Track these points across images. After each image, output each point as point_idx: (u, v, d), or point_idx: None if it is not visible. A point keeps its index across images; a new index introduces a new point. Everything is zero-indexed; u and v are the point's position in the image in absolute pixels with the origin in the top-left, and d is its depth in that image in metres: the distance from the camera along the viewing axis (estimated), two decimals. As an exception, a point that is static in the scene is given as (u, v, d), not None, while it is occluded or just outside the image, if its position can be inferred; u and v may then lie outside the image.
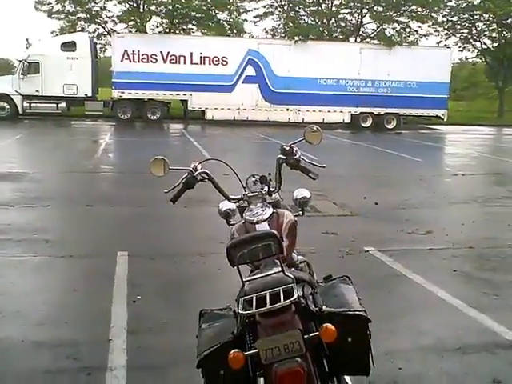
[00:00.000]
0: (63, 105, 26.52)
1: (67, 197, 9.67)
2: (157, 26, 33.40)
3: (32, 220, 8.07)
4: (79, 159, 14.79)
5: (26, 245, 6.70)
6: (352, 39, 35.47)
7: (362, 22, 35.83)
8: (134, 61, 27.09)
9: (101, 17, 33.47)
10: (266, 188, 2.99)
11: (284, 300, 2.16)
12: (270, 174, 3.06)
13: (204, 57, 27.50)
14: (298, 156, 3.10)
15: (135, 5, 32.73)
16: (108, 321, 4.50)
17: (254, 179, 3.03)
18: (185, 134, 24.03)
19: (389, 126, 28.78)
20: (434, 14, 34.56)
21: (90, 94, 27.11)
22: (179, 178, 3.06)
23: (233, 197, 3.06)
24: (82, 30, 32.35)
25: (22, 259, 6.16)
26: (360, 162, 16.68)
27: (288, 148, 3.12)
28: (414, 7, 33.78)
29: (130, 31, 31.87)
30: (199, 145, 18.11)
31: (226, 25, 33.66)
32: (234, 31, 34.10)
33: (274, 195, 3.01)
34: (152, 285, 5.43)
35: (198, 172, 3.05)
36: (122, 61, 27.03)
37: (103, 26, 33.55)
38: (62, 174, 12.42)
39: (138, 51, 27.09)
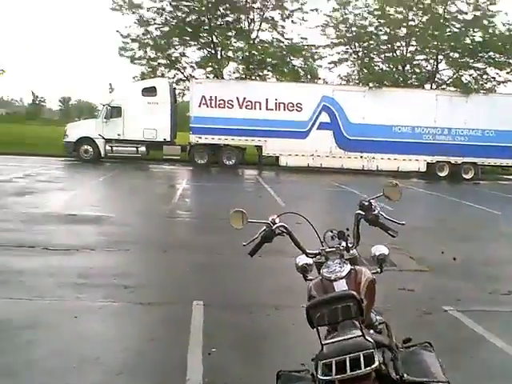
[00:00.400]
0: (143, 149, 27.46)
1: (145, 241, 9.93)
2: (234, 72, 34.24)
3: (112, 264, 8.32)
4: (157, 204, 15.20)
5: (106, 290, 6.90)
6: (427, 86, 35.10)
7: (437, 68, 35.48)
8: (211, 106, 27.81)
9: (180, 63, 34.70)
10: (343, 243, 2.99)
11: (365, 367, 2.15)
12: (347, 229, 3.07)
13: (279, 103, 27.88)
14: (376, 212, 3.09)
15: (213, 51, 33.75)
16: (184, 373, 4.54)
17: (331, 234, 3.04)
18: (259, 180, 24.25)
19: (466, 176, 27.98)
20: None
21: (168, 139, 27.97)
22: (257, 228, 3.13)
23: (310, 251, 3.07)
24: (162, 75, 33.55)
25: (102, 304, 6.35)
26: (437, 213, 16.28)
27: (367, 203, 3.13)
28: (491, 53, 33.19)
29: (207, 77, 32.81)
30: (273, 191, 18.25)
31: (300, 71, 34.10)
32: (309, 77, 34.50)
33: (351, 251, 2.99)
34: (227, 337, 5.46)
35: (276, 226, 3.10)
36: (199, 106, 27.81)
37: (182, 71, 34.73)
38: (140, 218, 12.79)
39: (216, 97, 27.81)
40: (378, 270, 3.07)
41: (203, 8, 32.40)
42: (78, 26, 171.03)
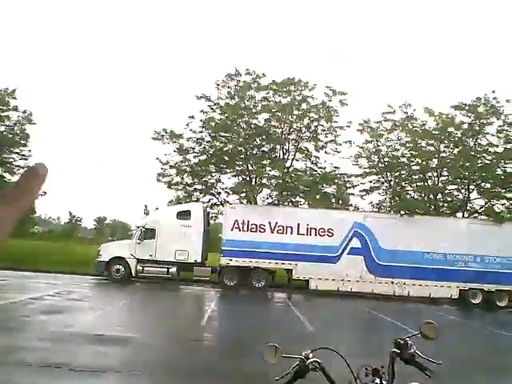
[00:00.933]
0: (174, 269, 27.60)
1: (171, 365, 9.78)
2: (267, 198, 34.91)
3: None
4: (185, 326, 15.09)
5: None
6: (459, 214, 35.14)
7: (469, 197, 35.63)
8: (243, 230, 28.20)
9: (215, 188, 35.60)
10: (377, 380, 2.94)
11: None
12: (382, 366, 3.02)
13: (310, 228, 28.14)
14: (412, 351, 3.05)
15: (248, 178, 34.70)
16: None
17: (366, 371, 2.99)
18: (288, 304, 23.99)
19: (500, 304, 27.27)
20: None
21: (199, 260, 28.14)
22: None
23: None
24: (198, 199, 34.33)
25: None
26: (472, 344, 15.71)
27: (403, 342, 3.09)
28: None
29: (241, 202, 33.48)
30: (302, 316, 17.94)
31: (332, 198, 34.63)
32: (340, 203, 34.95)
33: None
34: None
35: (309, 361, 3.06)
36: (232, 230, 28.22)
37: (217, 196, 35.54)
38: (167, 340, 12.67)
39: (248, 221, 28.27)
40: None
41: (241, 139, 33.80)
42: (117, 150, 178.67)
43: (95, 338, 11.77)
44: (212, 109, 34.70)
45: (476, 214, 34.38)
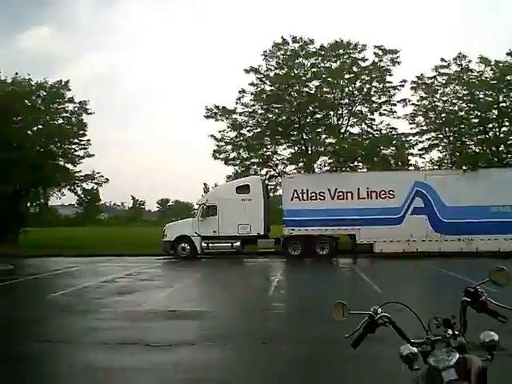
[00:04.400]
0: (238, 244, 27.96)
1: (243, 335, 9.96)
2: (324, 166, 34.70)
3: (212, 359, 8.38)
4: (253, 297, 15.30)
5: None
6: (525, 163, 33.98)
7: (534, 145, 34.43)
8: (303, 199, 28.19)
9: (272, 160, 35.64)
10: (450, 331, 2.90)
11: None
12: (453, 316, 2.98)
13: (371, 191, 27.82)
14: (483, 298, 3.00)
15: (303, 147, 34.54)
16: None
17: (437, 322, 2.95)
18: (354, 269, 23.97)
19: None
20: None
21: (262, 233, 28.38)
22: (358, 321, 3.10)
23: (415, 340, 2.98)
24: (255, 173, 34.47)
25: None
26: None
27: (473, 290, 3.04)
28: None
29: (298, 171, 33.42)
30: (369, 279, 17.86)
31: (390, 159, 34.07)
32: (399, 164, 34.34)
33: (458, 339, 2.89)
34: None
35: (378, 316, 3.05)
36: (292, 200, 28.25)
37: (274, 168, 35.58)
38: (237, 311, 12.90)
39: (307, 190, 28.21)
40: (489, 357, 2.91)
41: (293, 109, 33.59)
42: (172, 132, 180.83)
43: (168, 314, 12.10)
44: (262, 81, 34.56)
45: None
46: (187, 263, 26.34)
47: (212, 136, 34.90)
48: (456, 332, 2.89)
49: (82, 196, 48.33)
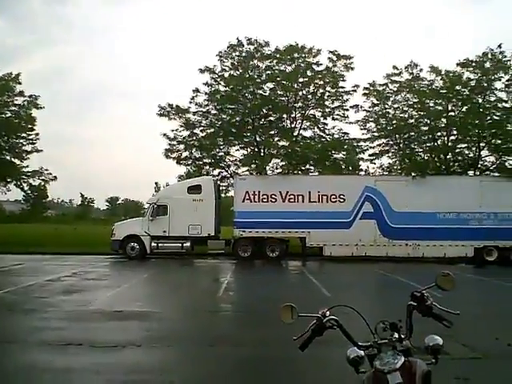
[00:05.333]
0: (188, 244, 27.81)
1: (190, 337, 9.89)
2: (276, 168, 34.81)
3: (158, 360, 8.28)
4: (202, 298, 15.22)
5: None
6: (471, 172, 34.90)
7: (480, 155, 35.36)
8: (254, 201, 28.25)
9: (224, 161, 35.53)
10: (396, 335, 2.93)
11: None
12: (400, 320, 3.01)
13: (322, 195, 28.12)
14: (429, 303, 3.05)
15: (256, 149, 34.59)
16: None
17: (383, 325, 2.98)
18: (303, 271, 24.12)
19: (516, 259, 27.19)
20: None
21: (212, 234, 28.29)
22: (306, 321, 3.09)
23: (362, 344, 3.00)
24: (207, 173, 34.32)
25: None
26: (488, 299, 15.73)
27: (419, 295, 3.08)
28: (535, 138, 33.04)
29: (251, 173, 33.42)
30: (318, 282, 18.01)
31: (342, 163, 34.45)
32: (350, 169, 34.80)
33: (404, 342, 2.93)
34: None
35: (326, 319, 3.06)
36: (243, 201, 28.28)
37: (226, 169, 35.49)
38: (185, 313, 12.78)
39: (259, 192, 28.30)
40: (433, 360, 2.96)
41: (247, 110, 33.61)
42: (123, 129, 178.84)
43: (115, 314, 11.90)
44: (216, 81, 34.45)
45: (487, 172, 34.15)
46: (136, 263, 26.03)
47: (164, 135, 34.57)
48: (402, 336, 2.93)
49: (29, 192, 47.09)
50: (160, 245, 27.93)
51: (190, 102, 34.56)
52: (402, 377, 2.65)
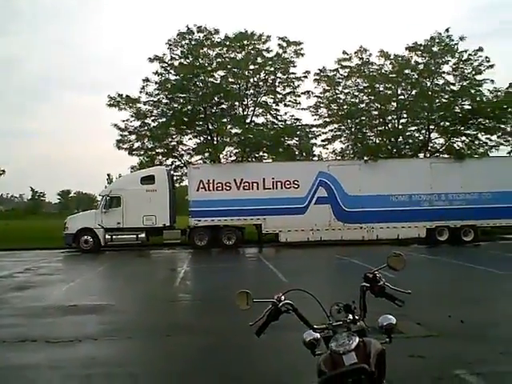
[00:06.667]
0: (143, 235, 27.58)
1: (148, 328, 9.79)
2: (230, 156, 34.75)
3: (115, 353, 8.18)
4: (159, 289, 15.12)
5: (111, 380, 6.79)
6: (421, 155, 35.60)
7: (429, 137, 36.07)
8: (209, 189, 28.15)
9: (177, 151, 35.25)
10: (350, 316, 2.96)
11: None
12: (353, 301, 3.04)
13: (276, 181, 28.23)
14: (382, 283, 3.09)
15: (209, 138, 34.44)
16: None
17: (337, 308, 3.01)
18: (260, 258, 24.23)
19: (466, 239, 27.93)
20: (502, 125, 34.46)
21: (168, 224, 28.11)
22: (263, 309, 3.09)
23: (317, 326, 3.02)
24: (160, 163, 34.03)
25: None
26: (440, 277, 16.13)
27: (371, 275, 3.12)
28: (480, 120, 33.90)
29: (204, 162, 33.29)
30: (275, 268, 18.11)
31: (295, 150, 34.64)
32: (304, 155, 35.02)
33: (359, 323, 2.97)
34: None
35: (282, 303, 3.07)
36: (197, 190, 28.15)
37: (180, 158, 35.23)
38: (142, 304, 12.71)
39: (213, 180, 28.21)
40: (387, 339, 3.00)
41: (198, 99, 33.36)
42: (74, 121, 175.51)
43: (70, 309, 11.68)
44: (166, 70, 34.02)
45: (437, 154, 34.90)
46: (90, 256, 25.66)
47: (115, 125, 34.06)
48: (356, 317, 2.96)
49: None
50: (114, 237, 27.59)
51: (141, 92, 34.09)
52: (357, 357, 2.68)
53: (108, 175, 72.04)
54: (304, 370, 4.47)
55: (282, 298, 3.11)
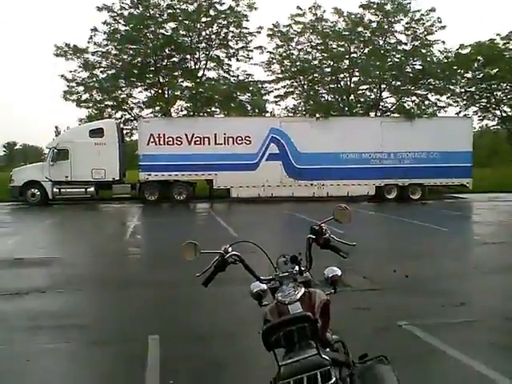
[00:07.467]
0: (92, 189, 27.16)
1: (97, 281, 9.75)
2: (181, 110, 34.33)
3: (64, 305, 8.13)
4: (108, 242, 15.00)
5: (59, 332, 6.73)
6: (372, 113, 35.99)
7: (381, 96, 36.48)
8: (159, 144, 27.81)
9: (127, 103, 34.59)
10: (296, 267, 3.01)
11: None
12: (300, 253, 3.08)
13: (228, 137, 28.11)
14: (327, 235, 3.13)
15: (160, 91, 33.87)
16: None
17: (284, 259, 3.05)
18: (211, 213, 24.26)
19: (414, 197, 28.67)
20: (451, 86, 35.09)
21: (117, 178, 27.74)
22: (210, 261, 3.12)
23: (264, 278, 3.06)
24: (110, 116, 33.35)
25: (55, 346, 6.18)
26: (387, 234, 16.56)
27: (317, 228, 3.16)
28: (431, 80, 34.41)
29: (155, 115, 32.82)
30: (225, 223, 18.20)
31: (247, 105, 34.48)
32: (256, 111, 34.90)
33: (305, 274, 3.02)
34: (185, 368, 5.37)
35: (228, 254, 3.09)
36: (148, 144, 27.78)
37: (130, 112, 34.62)
38: (91, 257, 12.59)
39: (164, 134, 27.85)
40: (332, 290, 3.07)
41: (149, 50, 32.63)
42: (20, 71, 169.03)
43: (16, 262, 11.47)
44: (116, 20, 33.03)
45: (388, 113, 35.36)
46: (37, 209, 25.18)
47: (62, 76, 33.08)
48: (302, 268, 3.01)
49: None
50: (62, 190, 27.09)
51: (89, 42, 33.11)
52: (302, 306, 2.72)
53: (56, 127, 70.16)
54: (251, 321, 4.56)
55: (230, 249, 3.13)
